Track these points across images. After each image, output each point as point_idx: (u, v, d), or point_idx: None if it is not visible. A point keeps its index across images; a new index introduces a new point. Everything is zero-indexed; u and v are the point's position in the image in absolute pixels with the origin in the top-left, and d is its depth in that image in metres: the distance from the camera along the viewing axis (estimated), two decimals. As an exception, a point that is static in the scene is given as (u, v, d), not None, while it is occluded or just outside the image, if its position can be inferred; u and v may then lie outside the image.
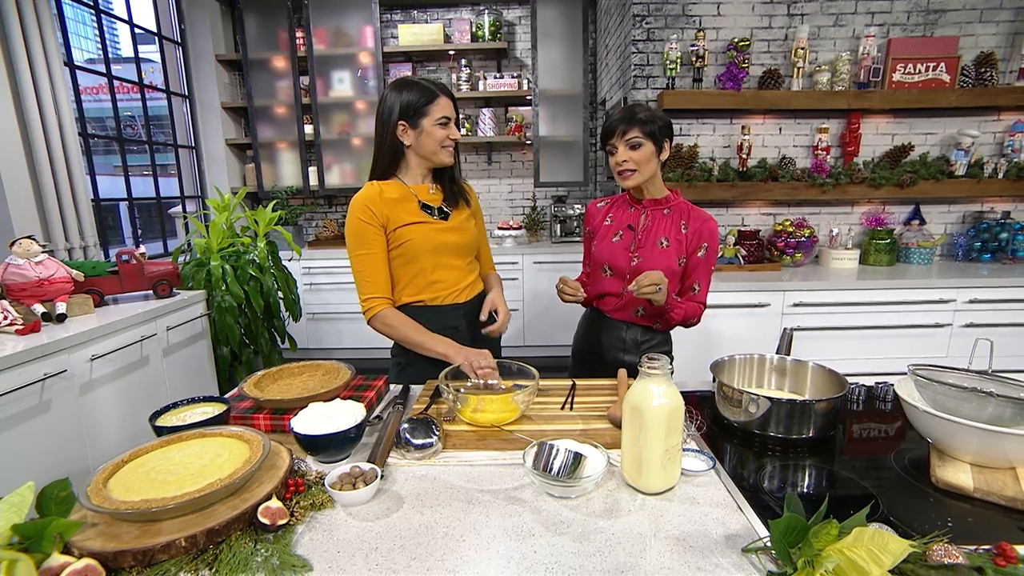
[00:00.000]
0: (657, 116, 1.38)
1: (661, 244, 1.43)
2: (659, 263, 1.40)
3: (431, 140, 1.31)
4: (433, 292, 1.38)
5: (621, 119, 1.37)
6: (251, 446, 0.85)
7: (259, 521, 0.72)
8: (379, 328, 1.35)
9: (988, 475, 0.79)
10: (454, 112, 1.33)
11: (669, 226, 1.44)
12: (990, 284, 2.52)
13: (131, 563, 0.65)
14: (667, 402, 0.79)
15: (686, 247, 1.43)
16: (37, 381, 1.63)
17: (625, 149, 1.37)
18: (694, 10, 2.78)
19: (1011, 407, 0.82)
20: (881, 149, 2.92)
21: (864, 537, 0.57)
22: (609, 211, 1.54)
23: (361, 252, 1.32)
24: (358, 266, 1.33)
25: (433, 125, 1.30)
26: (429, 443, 0.95)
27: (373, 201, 1.31)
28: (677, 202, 1.47)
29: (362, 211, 1.31)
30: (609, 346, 1.52)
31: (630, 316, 1.49)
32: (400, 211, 1.33)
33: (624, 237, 1.47)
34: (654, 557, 0.69)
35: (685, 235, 1.43)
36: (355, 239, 1.32)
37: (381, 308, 1.33)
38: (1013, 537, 0.67)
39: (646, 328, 1.49)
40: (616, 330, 1.51)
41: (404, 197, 1.35)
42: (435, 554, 0.70)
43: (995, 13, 2.77)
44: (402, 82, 1.31)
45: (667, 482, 0.82)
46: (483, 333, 1.44)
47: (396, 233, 1.32)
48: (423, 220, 1.35)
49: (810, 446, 0.98)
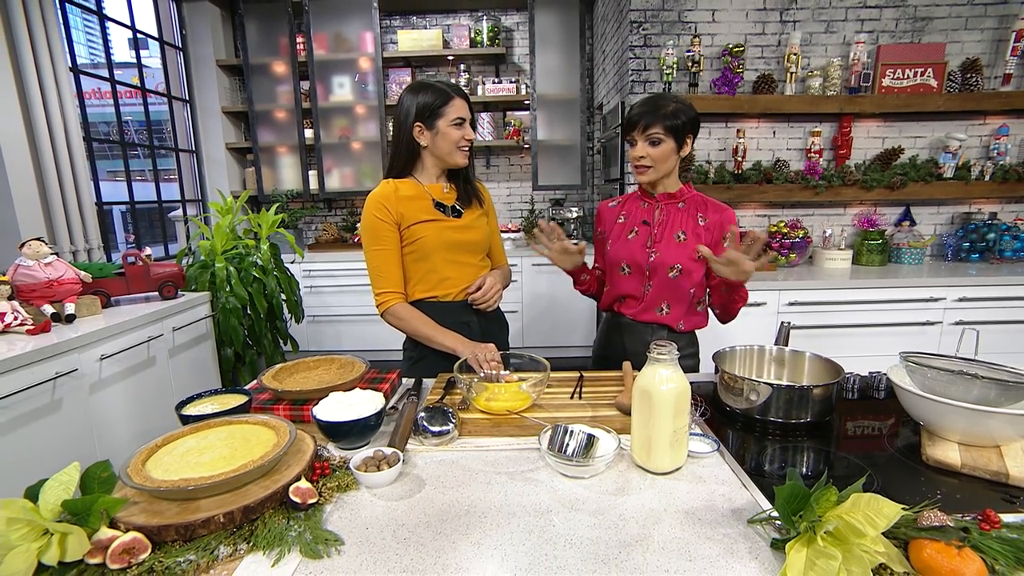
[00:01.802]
0: (683, 110, 1.32)
1: (678, 238, 1.40)
2: (677, 256, 1.38)
3: (446, 141, 1.35)
4: (445, 288, 1.42)
5: (644, 111, 1.31)
6: (277, 432, 0.89)
7: (291, 500, 0.76)
8: (391, 321, 1.39)
9: (974, 452, 0.84)
10: (469, 113, 1.37)
11: (685, 219, 1.41)
12: (978, 283, 2.59)
13: (173, 537, 0.69)
14: (675, 386, 0.84)
15: (708, 240, 1.39)
16: (49, 380, 1.66)
17: (644, 144, 1.32)
18: (690, 17, 2.85)
19: (995, 388, 0.88)
20: (872, 152, 3.00)
21: (860, 502, 0.62)
22: (621, 210, 1.51)
23: (376, 248, 1.36)
24: (373, 261, 1.37)
25: (448, 126, 1.34)
26: (446, 430, 0.99)
27: (388, 199, 1.36)
28: (691, 195, 1.44)
29: (377, 208, 1.35)
30: (634, 351, 1.44)
31: (654, 316, 1.44)
32: (414, 209, 1.37)
33: (640, 233, 1.44)
34: (666, 529, 0.73)
35: (704, 227, 1.40)
36: (370, 235, 1.36)
37: (394, 302, 1.37)
38: (997, 507, 0.72)
39: (671, 330, 1.45)
40: (640, 334, 1.46)
41: (418, 195, 1.39)
42: (459, 529, 0.74)
43: (980, 21, 2.87)
44: (418, 84, 1.35)
45: (675, 462, 0.86)
46: (468, 302, 1.44)
47: (410, 230, 1.37)
48: (436, 218, 1.39)
49: (808, 430, 1.03)
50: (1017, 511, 0.73)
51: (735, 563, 0.66)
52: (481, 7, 4.03)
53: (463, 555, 0.69)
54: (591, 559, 0.67)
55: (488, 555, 0.69)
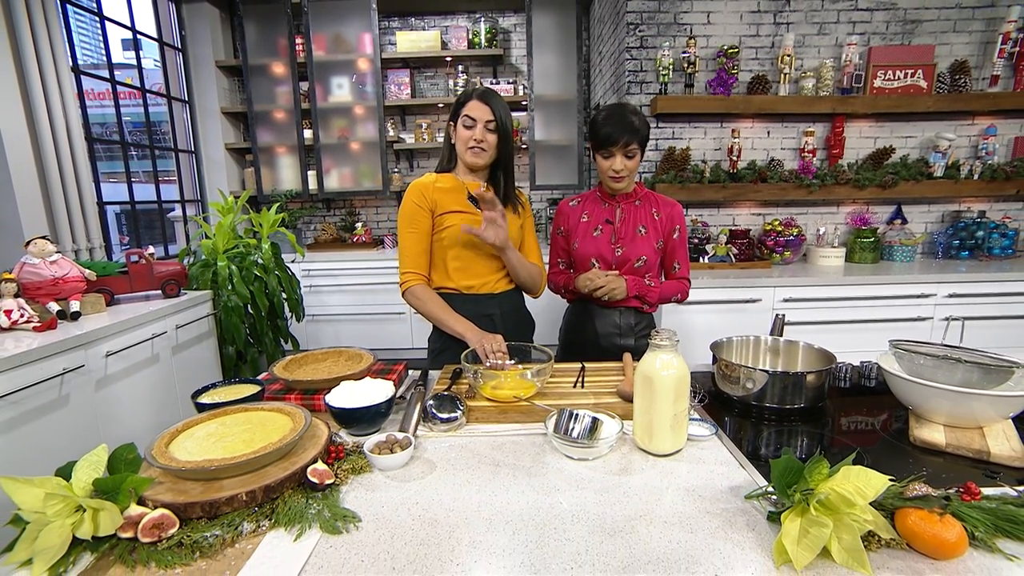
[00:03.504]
0: (644, 122, 1.48)
1: (640, 232, 1.56)
2: (641, 249, 1.55)
3: (459, 139, 1.42)
4: (470, 280, 1.48)
5: (623, 130, 1.43)
6: (293, 418, 0.92)
7: (309, 480, 0.80)
8: (410, 300, 1.46)
9: (958, 433, 0.89)
10: (486, 116, 1.38)
11: (644, 215, 1.58)
12: (968, 279, 2.65)
13: (199, 514, 0.72)
14: (675, 371, 0.88)
15: (662, 231, 1.58)
16: (56, 376, 1.68)
17: (623, 159, 1.47)
18: (685, 19, 2.90)
19: (977, 372, 0.92)
20: (864, 151, 3.06)
21: (851, 474, 0.66)
22: (583, 209, 1.63)
23: (408, 230, 1.45)
24: (404, 242, 1.46)
25: (462, 125, 1.40)
26: (455, 417, 1.03)
27: (427, 187, 1.45)
28: (644, 192, 1.61)
29: (416, 195, 1.44)
30: (604, 333, 1.61)
31: (623, 302, 1.58)
32: (448, 199, 1.45)
33: (604, 231, 1.58)
34: (668, 504, 0.77)
35: (659, 221, 1.58)
36: (406, 218, 1.45)
37: (415, 283, 1.44)
38: (979, 482, 0.76)
39: (637, 311, 1.61)
40: (610, 316, 1.61)
41: (455, 188, 1.47)
42: (471, 506, 0.78)
43: (968, 23, 2.93)
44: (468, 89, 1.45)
45: (676, 444, 0.90)
46: (473, 195, 1.45)
47: (441, 218, 1.44)
48: (466, 210, 1.44)
49: (802, 415, 1.07)
50: (997, 485, 0.77)
51: (734, 534, 0.70)
52: (479, 9, 4.07)
53: (475, 529, 0.72)
54: (598, 531, 0.71)
55: (500, 529, 0.72)
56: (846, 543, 0.63)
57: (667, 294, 1.61)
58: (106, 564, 0.66)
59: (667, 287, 1.61)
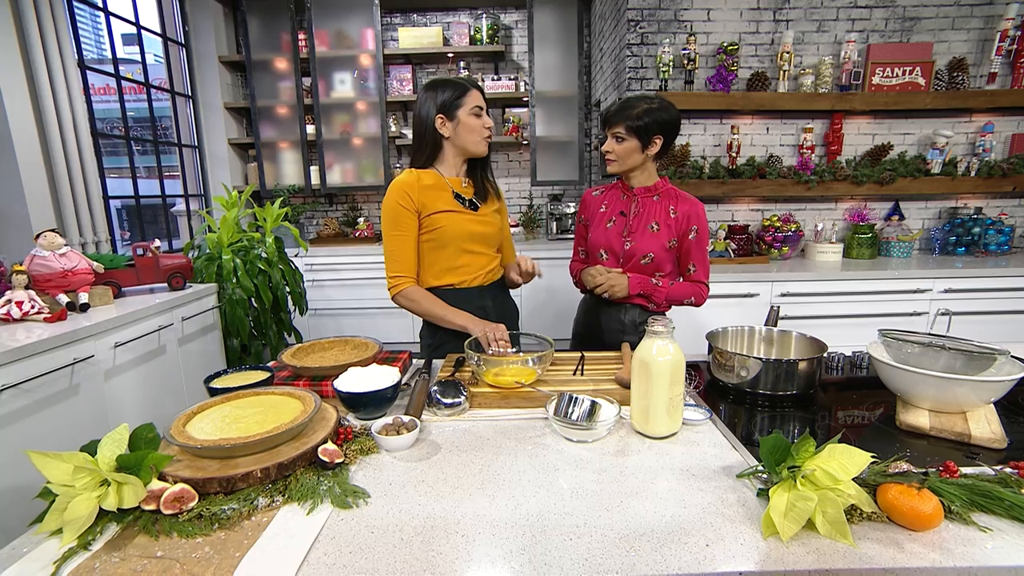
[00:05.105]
0: (651, 112, 1.44)
1: (652, 228, 1.55)
2: (649, 246, 1.53)
3: (467, 129, 1.41)
4: (461, 276, 1.49)
5: (614, 111, 1.48)
6: (303, 402, 0.96)
7: (320, 459, 0.84)
8: (402, 303, 1.46)
9: (943, 417, 0.92)
10: (484, 103, 1.43)
11: (659, 211, 1.55)
12: (964, 275, 2.69)
13: (216, 489, 0.76)
14: (671, 357, 0.91)
15: (676, 230, 1.54)
16: (67, 365, 1.72)
17: (612, 140, 1.49)
18: (685, 15, 2.93)
19: (961, 359, 0.96)
20: (862, 148, 3.09)
21: (836, 452, 0.70)
22: (604, 199, 1.65)
23: (394, 233, 1.42)
24: (390, 245, 1.43)
25: (468, 115, 1.40)
26: (458, 402, 1.06)
27: (411, 187, 1.41)
28: (666, 188, 1.58)
29: (400, 195, 1.40)
30: (609, 328, 1.62)
31: (627, 299, 1.58)
32: (435, 199, 1.43)
33: (617, 223, 1.58)
34: (663, 482, 0.81)
35: (675, 219, 1.54)
36: (390, 220, 1.42)
37: (406, 285, 1.44)
38: (959, 462, 0.80)
39: (643, 309, 1.60)
40: (615, 312, 1.61)
41: (440, 186, 1.45)
42: (475, 484, 0.82)
43: (966, 21, 2.96)
44: (434, 82, 1.43)
45: (671, 428, 0.94)
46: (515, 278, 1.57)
47: (430, 219, 1.42)
48: (456, 209, 1.45)
49: (794, 401, 1.11)
50: (977, 465, 0.81)
51: (725, 508, 0.74)
52: (481, 5, 4.09)
53: (479, 505, 0.76)
54: (596, 507, 0.75)
55: (502, 504, 0.76)
56: (830, 516, 0.67)
57: (676, 295, 1.56)
58: (131, 534, 0.70)
59: (678, 289, 1.56)
